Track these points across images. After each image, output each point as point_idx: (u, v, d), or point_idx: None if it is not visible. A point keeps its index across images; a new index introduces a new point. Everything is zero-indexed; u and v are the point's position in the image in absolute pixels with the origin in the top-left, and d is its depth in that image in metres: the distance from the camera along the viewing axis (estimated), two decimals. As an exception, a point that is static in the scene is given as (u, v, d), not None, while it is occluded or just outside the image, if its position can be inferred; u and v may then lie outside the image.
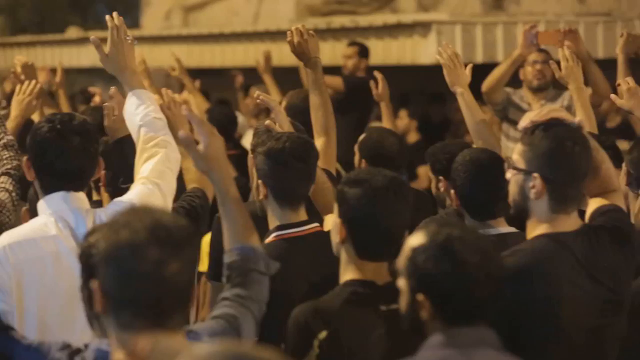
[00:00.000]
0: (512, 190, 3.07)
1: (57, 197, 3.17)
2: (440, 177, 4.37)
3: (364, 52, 8.73)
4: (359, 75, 8.48)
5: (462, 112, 4.24)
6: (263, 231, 3.55)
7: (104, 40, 3.59)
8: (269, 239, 3.53)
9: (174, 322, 2.13)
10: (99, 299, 2.12)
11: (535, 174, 2.98)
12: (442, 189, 4.38)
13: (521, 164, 3.02)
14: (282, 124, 3.96)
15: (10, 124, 4.64)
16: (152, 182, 3.27)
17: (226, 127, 6.70)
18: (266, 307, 2.60)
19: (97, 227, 2.17)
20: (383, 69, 6.47)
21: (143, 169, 3.32)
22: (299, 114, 4.47)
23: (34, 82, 4.86)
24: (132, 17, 20.67)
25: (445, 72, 4.23)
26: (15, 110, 4.77)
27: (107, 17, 3.52)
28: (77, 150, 3.18)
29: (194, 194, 4.05)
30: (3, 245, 3.10)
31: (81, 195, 3.20)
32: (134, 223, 2.09)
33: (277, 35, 9.72)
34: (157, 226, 2.09)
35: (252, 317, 2.50)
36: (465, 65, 4.29)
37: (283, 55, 8.74)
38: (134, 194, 3.26)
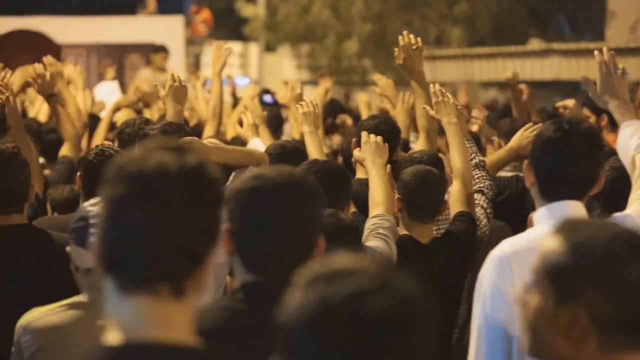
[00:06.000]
0: None
1: (560, 206, 3.03)
2: None
3: None
4: None
5: None
6: None
7: (565, 52, 3.49)
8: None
9: None
10: None
11: None
12: None
13: None
14: None
15: None
16: None
17: None
18: None
19: None
20: None
21: None
22: None
23: None
24: (595, 29, 20.21)
25: None
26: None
27: (596, 52, 3.57)
28: (583, 154, 3.03)
29: None
30: (507, 254, 2.99)
31: (580, 206, 3.04)
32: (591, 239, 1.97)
33: None
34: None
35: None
36: None
37: None
38: (634, 210, 3.24)
